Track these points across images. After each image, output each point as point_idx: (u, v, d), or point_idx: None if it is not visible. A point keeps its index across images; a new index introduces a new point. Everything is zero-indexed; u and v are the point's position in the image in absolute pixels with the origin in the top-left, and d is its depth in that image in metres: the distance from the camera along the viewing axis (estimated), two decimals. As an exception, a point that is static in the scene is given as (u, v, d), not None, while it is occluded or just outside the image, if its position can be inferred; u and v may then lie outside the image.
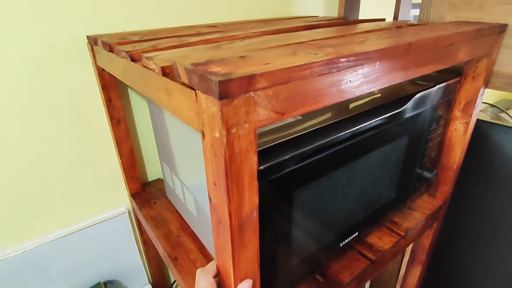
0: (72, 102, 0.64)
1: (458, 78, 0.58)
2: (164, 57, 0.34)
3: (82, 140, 0.68)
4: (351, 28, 0.53)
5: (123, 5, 0.63)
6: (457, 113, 0.62)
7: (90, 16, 0.60)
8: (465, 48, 0.47)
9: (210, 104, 0.25)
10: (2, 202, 0.63)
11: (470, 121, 0.61)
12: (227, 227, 0.29)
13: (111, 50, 0.47)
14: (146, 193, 0.78)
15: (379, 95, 0.50)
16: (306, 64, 0.27)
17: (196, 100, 0.27)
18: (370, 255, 0.56)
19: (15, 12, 0.54)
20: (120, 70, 0.47)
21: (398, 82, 0.38)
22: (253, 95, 0.25)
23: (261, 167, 0.33)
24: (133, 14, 0.65)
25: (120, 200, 0.79)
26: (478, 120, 0.66)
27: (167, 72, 0.31)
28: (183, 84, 0.28)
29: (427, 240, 0.77)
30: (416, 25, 0.57)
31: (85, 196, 0.73)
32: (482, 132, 0.69)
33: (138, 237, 0.85)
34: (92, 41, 0.58)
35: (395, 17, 0.90)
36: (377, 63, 0.34)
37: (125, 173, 0.73)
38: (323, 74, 0.29)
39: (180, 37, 0.50)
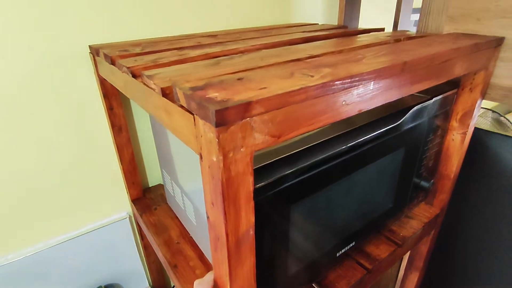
0: (74, 110, 0.65)
1: (455, 90, 0.59)
2: (164, 76, 0.35)
3: (84, 147, 0.69)
4: (349, 41, 0.54)
5: (125, 14, 0.64)
6: (454, 123, 0.63)
7: (92, 25, 0.61)
8: (461, 63, 0.47)
9: (207, 130, 0.25)
10: (5, 207, 0.65)
11: (467, 131, 0.62)
12: (224, 244, 0.30)
13: (112, 63, 0.48)
14: (147, 198, 0.79)
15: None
16: (301, 88, 0.28)
17: (194, 124, 0.27)
18: (367, 264, 0.57)
19: (19, 22, 0.54)
20: (121, 83, 0.47)
21: (393, 100, 0.38)
22: (249, 120, 0.26)
23: (258, 185, 0.34)
24: (135, 23, 0.66)
25: (121, 205, 0.80)
26: (476, 128, 0.66)
27: (167, 92, 0.32)
28: (182, 107, 0.29)
29: (424, 247, 0.78)
30: (414, 37, 0.57)
31: (87, 201, 0.74)
32: (480, 140, 0.70)
33: (139, 241, 0.86)
34: (94, 51, 0.58)
35: (395, 24, 0.90)
36: (372, 83, 0.34)
37: (126, 179, 0.74)
38: (319, 97, 0.30)
39: (181, 49, 0.51)
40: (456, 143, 0.64)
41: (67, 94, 0.63)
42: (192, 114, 0.27)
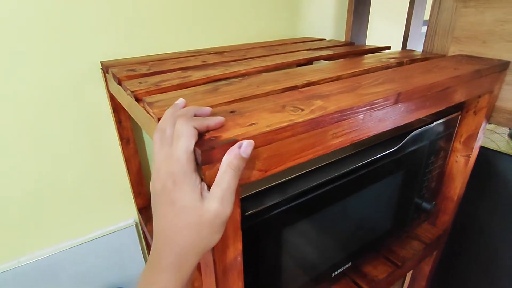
0: (86, 123, 0.68)
1: (459, 113, 0.59)
2: (163, 105, 0.37)
3: (95, 157, 0.72)
4: (350, 64, 0.54)
5: (136, 31, 0.67)
6: (458, 145, 0.62)
7: (104, 42, 0.64)
8: (462, 90, 0.47)
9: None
10: (18, 212, 0.68)
11: (471, 154, 0.61)
12: (212, 271, 0.31)
13: (119, 83, 0.50)
14: (153, 207, 0.81)
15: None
16: (288, 125, 0.29)
17: (185, 158, 0.29)
18: (363, 285, 0.57)
19: (34, 39, 0.58)
20: (126, 103, 0.50)
21: (385, 130, 0.39)
22: (235, 158, 0.27)
23: (248, 212, 0.35)
24: (145, 39, 0.68)
25: (128, 213, 0.83)
26: (482, 147, 0.65)
27: (163, 122, 0.34)
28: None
29: (427, 267, 0.77)
30: (417, 59, 0.57)
31: (96, 208, 0.77)
32: (488, 160, 0.69)
33: (145, 248, 0.88)
34: (105, 68, 0.61)
35: (405, 40, 0.90)
36: (363, 116, 0.35)
37: (133, 188, 0.77)
38: (306, 132, 0.31)
39: (185, 70, 0.53)
40: (460, 165, 0.63)
41: (80, 107, 0.66)
42: (183, 149, 0.29)
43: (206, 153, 0.25)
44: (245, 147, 0.26)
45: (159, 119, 0.34)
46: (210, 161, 0.26)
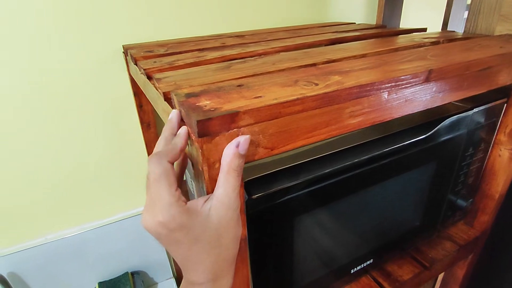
0: (109, 106, 0.69)
1: (504, 99, 0.52)
2: (171, 80, 0.35)
3: (118, 141, 0.73)
4: (378, 44, 0.50)
5: (159, 15, 0.66)
6: (502, 137, 0.55)
7: (127, 25, 0.64)
8: (508, 71, 0.41)
9: (193, 139, 0.25)
10: (45, 192, 0.71)
11: (517, 147, 0.54)
12: (213, 255, 0.29)
13: (135, 63, 0.50)
14: (173, 193, 0.81)
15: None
16: (298, 99, 0.26)
17: (186, 132, 0.27)
18: (385, 284, 0.53)
19: (58, 23, 0.59)
20: (142, 83, 0.49)
21: (415, 112, 0.35)
22: (237, 131, 0.25)
23: (256, 196, 0.32)
24: (169, 24, 0.68)
25: (149, 197, 0.83)
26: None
27: (169, 97, 0.32)
28: (178, 113, 0.29)
29: (461, 271, 0.70)
30: (456, 39, 0.51)
31: (119, 192, 0.79)
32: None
33: (165, 233, 0.89)
34: (126, 51, 0.61)
35: (445, 23, 0.82)
36: (386, 94, 0.31)
37: (153, 173, 0.77)
38: (319, 108, 0.28)
39: (202, 51, 0.51)
40: (504, 160, 0.56)
41: (103, 91, 0.67)
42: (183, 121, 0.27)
43: (203, 123, 0.23)
44: (242, 144, 0.24)
45: (164, 94, 0.32)
46: (207, 133, 0.23)
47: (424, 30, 0.65)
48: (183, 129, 0.26)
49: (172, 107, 0.31)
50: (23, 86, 0.60)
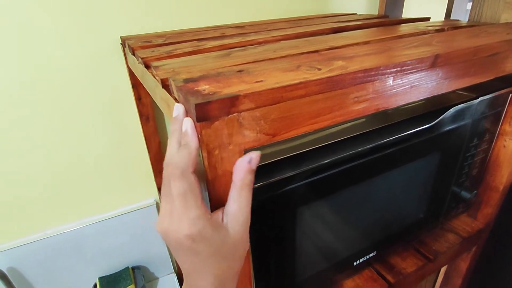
0: (108, 100, 0.68)
1: (510, 88, 0.51)
2: (169, 67, 0.34)
3: (117, 135, 0.72)
4: (381, 32, 0.49)
5: (157, 6, 0.65)
6: (507, 127, 0.54)
7: (125, 17, 0.63)
8: (515, 57, 0.40)
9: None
10: (45, 187, 0.70)
11: (523, 137, 0.53)
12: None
13: (133, 53, 0.48)
14: (173, 187, 0.80)
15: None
16: (301, 83, 0.25)
17: (184, 118, 0.26)
18: (389, 277, 0.52)
19: (55, 15, 0.58)
20: (140, 73, 0.48)
21: (420, 98, 0.34)
22: (237, 116, 0.24)
23: (257, 185, 0.32)
24: (167, 15, 0.66)
25: (149, 192, 0.83)
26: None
27: (167, 84, 0.31)
28: (176, 100, 0.28)
29: (464, 264, 0.70)
30: (461, 27, 0.50)
31: (119, 186, 0.78)
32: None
33: (165, 228, 0.89)
34: (123, 42, 0.60)
35: (448, 14, 0.81)
36: (391, 79, 0.30)
37: (153, 167, 0.77)
38: (323, 93, 0.27)
39: (200, 40, 0.50)
40: (508, 151, 0.55)
41: (101, 84, 0.66)
42: (182, 107, 0.26)
43: (201, 106, 0.22)
44: (254, 160, 0.25)
45: (162, 81, 0.32)
46: (206, 118, 0.23)
47: (428, 19, 0.64)
48: (188, 123, 0.24)
49: (170, 93, 0.30)
50: (20, 81, 0.59)
